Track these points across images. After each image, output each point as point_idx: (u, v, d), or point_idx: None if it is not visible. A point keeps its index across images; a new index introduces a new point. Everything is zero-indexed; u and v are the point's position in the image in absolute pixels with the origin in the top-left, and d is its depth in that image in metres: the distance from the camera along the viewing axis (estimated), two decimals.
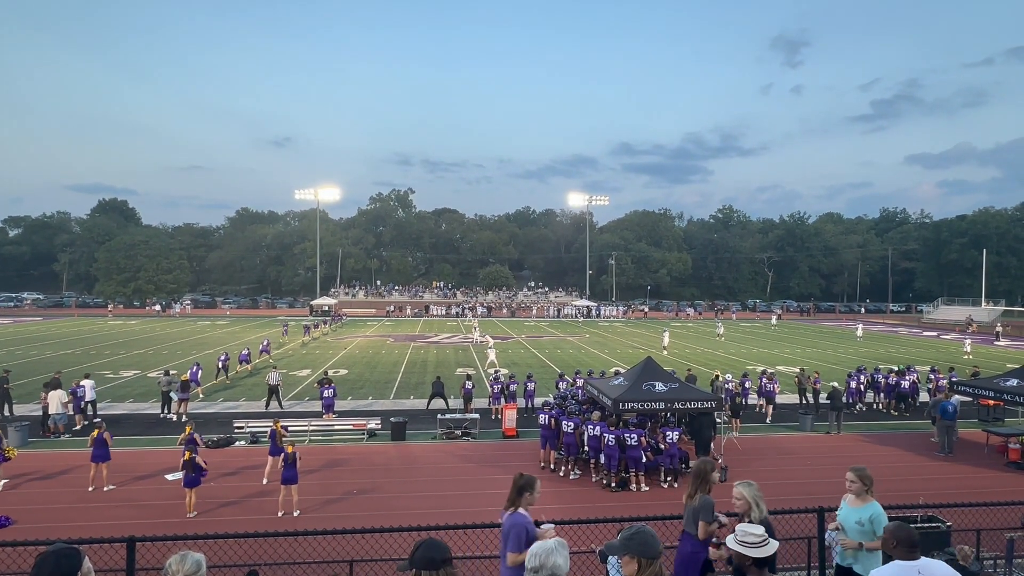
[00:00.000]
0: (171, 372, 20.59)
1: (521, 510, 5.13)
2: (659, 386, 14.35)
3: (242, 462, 15.02)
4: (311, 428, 17.51)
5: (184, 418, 18.37)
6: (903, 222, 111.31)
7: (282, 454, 11.95)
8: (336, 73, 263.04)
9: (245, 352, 29.52)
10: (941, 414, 16.60)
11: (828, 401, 19.30)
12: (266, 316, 66.24)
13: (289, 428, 15.97)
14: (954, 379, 19.85)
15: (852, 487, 5.20)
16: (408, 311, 72.43)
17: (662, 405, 14.16)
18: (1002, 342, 45.69)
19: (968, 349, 36.80)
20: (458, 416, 18.39)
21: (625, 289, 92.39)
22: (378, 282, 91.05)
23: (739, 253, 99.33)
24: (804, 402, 21.52)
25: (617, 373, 19.72)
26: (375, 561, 7.28)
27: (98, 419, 15.89)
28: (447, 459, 15.59)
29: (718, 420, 16.57)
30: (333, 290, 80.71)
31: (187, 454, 11.55)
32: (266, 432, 14.96)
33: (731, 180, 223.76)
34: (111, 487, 13.02)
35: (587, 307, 74.37)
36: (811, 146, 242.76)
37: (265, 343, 33.04)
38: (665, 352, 35.79)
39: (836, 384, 20.31)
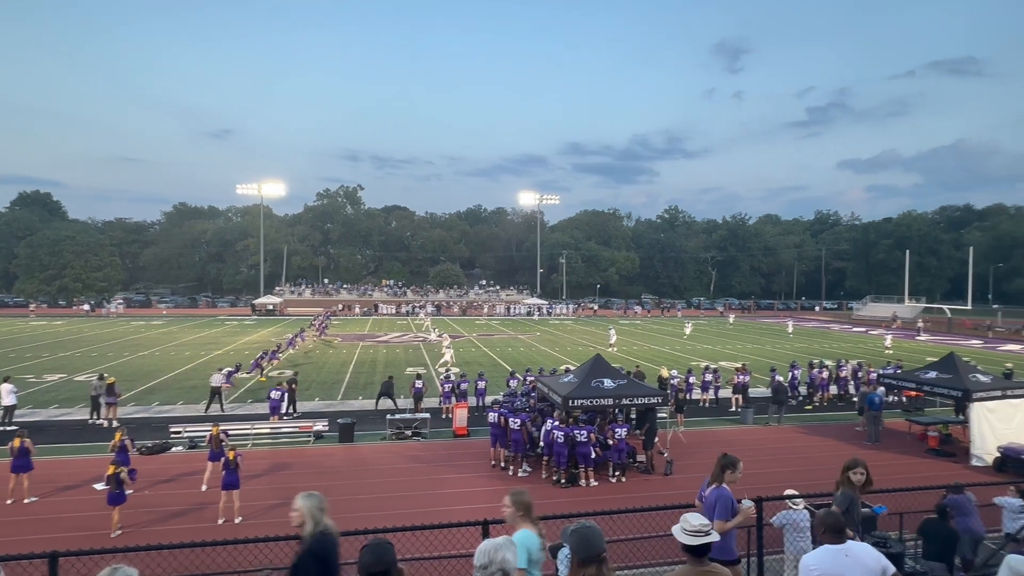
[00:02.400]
0: (105, 376, 19.43)
1: (725, 485, 5.93)
2: (608, 383, 14.61)
3: (180, 469, 14.36)
4: (255, 431, 16.92)
5: (114, 424, 17.40)
6: (835, 224, 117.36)
7: (222, 459, 11.50)
8: (280, 65, 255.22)
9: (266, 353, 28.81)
10: (868, 405, 17.63)
11: (772, 395, 20.20)
12: (206, 316, 63.52)
13: (231, 432, 15.37)
14: (884, 372, 21.10)
15: (505, 512, 4.48)
16: (357, 310, 71.02)
17: (611, 401, 14.42)
18: (923, 337, 48.88)
19: (888, 344, 38.99)
20: (408, 416, 18.18)
21: (575, 287, 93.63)
22: (325, 280, 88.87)
23: (684, 252, 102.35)
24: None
25: (567, 371, 19.95)
26: None
27: (15, 427, 14.84)
28: (397, 460, 15.39)
29: (662, 415, 17.04)
30: (278, 288, 78.20)
31: (111, 468, 10.82)
32: (205, 437, 14.34)
33: (676, 181, 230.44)
34: (33, 499, 12.20)
35: (538, 305, 74.92)
36: (751, 150, 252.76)
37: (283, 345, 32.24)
38: (613, 349, 36.46)
39: (781, 379, 21.25)
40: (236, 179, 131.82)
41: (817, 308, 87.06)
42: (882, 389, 18.99)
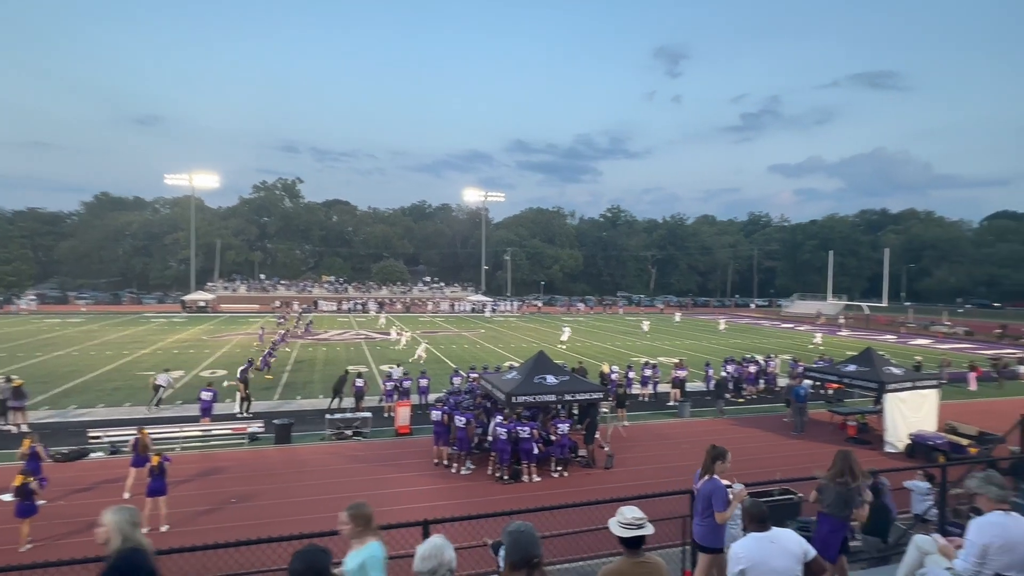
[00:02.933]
0: (11, 378, 17.96)
1: (716, 476, 6.02)
2: (551, 379, 14.77)
3: (100, 476, 13.47)
4: (184, 434, 16.09)
5: (23, 429, 16.14)
6: (766, 225, 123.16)
7: (147, 464, 10.87)
8: (213, 50, 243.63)
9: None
10: (794, 397, 18.62)
11: (715, 388, 21.03)
12: (131, 313, 59.85)
13: (159, 436, 14.57)
14: (810, 366, 22.30)
15: (343, 530, 4.02)
16: (296, 307, 68.71)
17: (553, 397, 14.59)
18: (844, 332, 52.07)
19: (818, 339, 41.46)
20: (348, 415, 17.76)
21: (520, 284, 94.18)
22: (262, 276, 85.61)
23: (626, 251, 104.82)
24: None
25: (511, 368, 20.04)
26: (254, 574, 6.82)
27: None
28: (337, 460, 15.01)
29: (603, 410, 17.39)
30: (210, 284, 74.73)
31: (19, 478, 10.05)
32: (128, 441, 13.52)
33: (619, 181, 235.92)
34: None
35: (482, 302, 74.90)
36: (689, 152, 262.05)
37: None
38: (563, 347, 36.86)
39: (725, 373, 22.12)
40: (164, 169, 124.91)
41: (752, 305, 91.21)
42: (808, 382, 20.08)
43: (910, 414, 16.65)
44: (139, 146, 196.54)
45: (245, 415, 18.89)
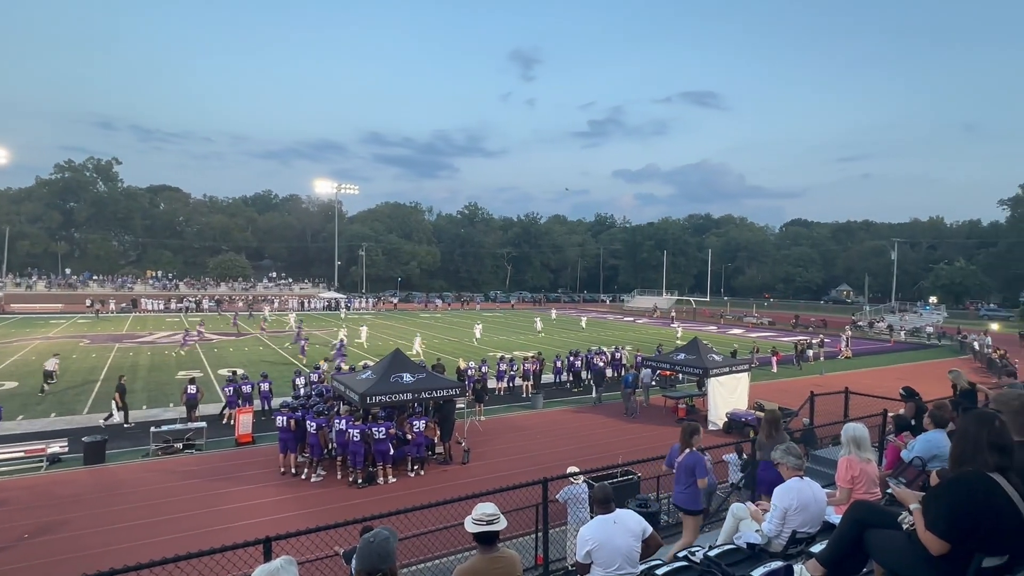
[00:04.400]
0: None
1: (694, 449, 6.77)
2: (407, 377, 14.50)
3: None
4: None
5: None
6: (611, 226, 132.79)
7: None
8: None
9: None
10: (624, 384, 20.41)
11: (594, 377, 22.61)
12: None
13: None
14: (643, 356, 24.39)
15: None
16: (112, 306, 59.92)
17: (410, 396, 14.34)
18: (675, 324, 57.89)
19: (680, 334, 43.62)
20: (179, 427, 15.90)
21: (376, 281, 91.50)
22: (67, 270, 73.68)
23: (483, 248, 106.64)
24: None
25: (365, 367, 19.34)
26: None
27: None
28: (164, 478, 13.36)
29: (461, 405, 17.50)
30: None
31: None
32: None
33: (476, 179, 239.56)
34: None
35: (335, 299, 71.55)
36: (542, 154, 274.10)
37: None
38: (418, 353, 36.19)
39: (600, 364, 23.31)
40: None
41: (610, 301, 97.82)
42: (648, 371, 21.99)
43: (727, 395, 18.97)
44: None
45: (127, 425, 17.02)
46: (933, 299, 70.47)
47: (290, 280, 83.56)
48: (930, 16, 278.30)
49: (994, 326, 53.97)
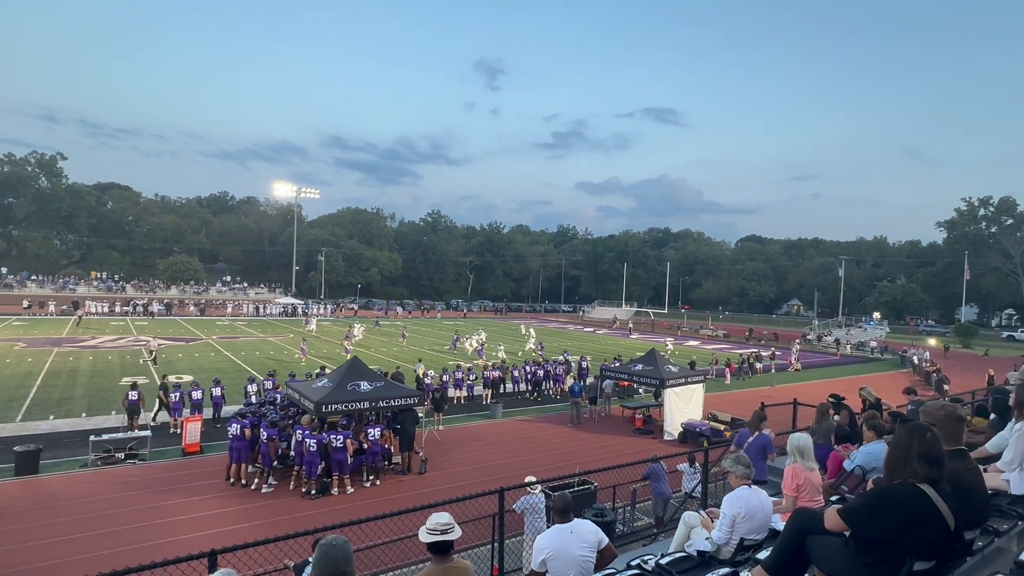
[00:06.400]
0: None
1: (763, 432, 7.85)
2: (364, 385, 14.27)
3: None
4: None
5: None
6: (573, 237, 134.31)
7: None
8: None
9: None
10: (570, 393, 20.75)
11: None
12: None
13: None
14: (613, 365, 24.67)
15: None
16: (52, 308, 56.99)
17: (367, 404, 14.11)
18: (634, 335, 58.84)
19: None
20: (120, 436, 15.20)
21: (335, 287, 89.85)
22: (3, 269, 69.79)
23: (445, 256, 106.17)
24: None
25: (320, 374, 18.94)
26: None
27: None
28: (103, 490, 12.73)
29: (420, 414, 17.31)
30: None
31: None
32: None
33: (439, 186, 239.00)
34: None
35: (292, 305, 69.92)
36: (506, 164, 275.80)
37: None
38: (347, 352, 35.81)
39: (592, 378, 23.20)
40: None
41: (585, 312, 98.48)
42: (609, 381, 22.24)
43: (683, 405, 19.36)
44: None
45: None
46: (876, 315, 73.74)
47: (245, 284, 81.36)
48: (875, 45, 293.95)
49: (932, 341, 56.86)
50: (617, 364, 24.28)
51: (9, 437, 15.75)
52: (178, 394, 17.53)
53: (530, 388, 25.08)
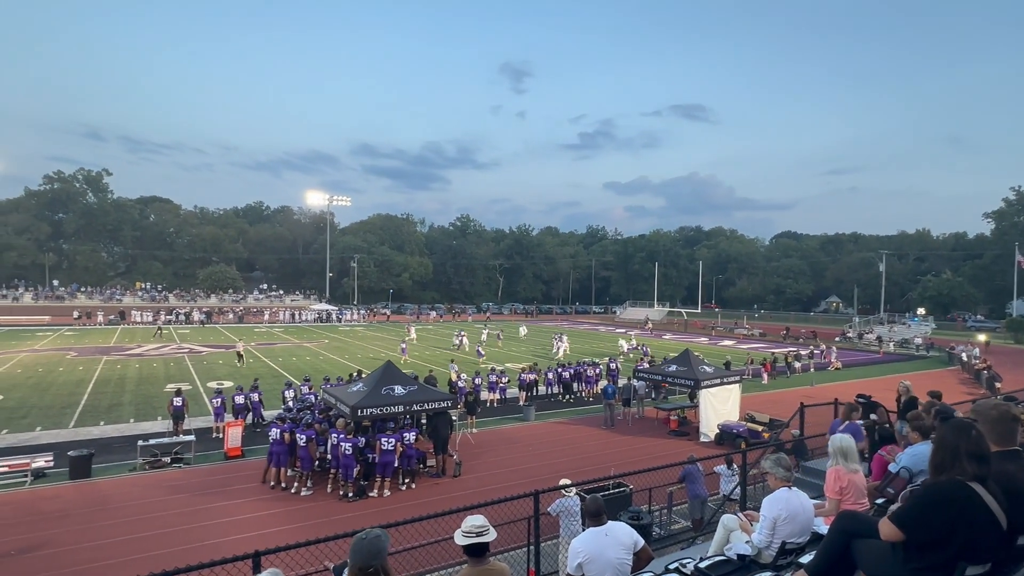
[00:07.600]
0: None
1: (858, 421, 7.82)
2: (398, 390, 14.45)
3: None
4: None
5: None
6: (603, 238, 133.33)
7: None
8: None
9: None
10: (604, 395, 20.55)
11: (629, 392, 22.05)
12: None
13: None
14: (639, 367, 24.42)
15: None
16: (100, 318, 59.42)
17: (401, 408, 14.28)
18: (667, 336, 58.08)
19: (625, 348, 40.89)
20: (166, 440, 15.74)
21: (367, 293, 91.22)
22: (55, 282, 73.00)
23: (475, 259, 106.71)
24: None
25: (354, 378, 19.24)
26: None
27: None
28: (151, 493, 13.19)
29: (453, 417, 17.44)
30: None
31: None
32: None
33: (467, 190, 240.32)
34: None
35: (326, 311, 71.26)
36: (534, 166, 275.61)
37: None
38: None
39: (631, 380, 22.98)
40: None
41: (617, 313, 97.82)
42: (641, 382, 22.01)
43: (719, 406, 19.01)
44: None
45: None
46: (921, 311, 71.11)
47: (281, 292, 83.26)
48: (917, 31, 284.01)
49: (981, 337, 54.52)
50: (646, 365, 24.01)
51: (63, 442, 16.44)
52: (219, 400, 18.04)
53: (561, 390, 24.98)
